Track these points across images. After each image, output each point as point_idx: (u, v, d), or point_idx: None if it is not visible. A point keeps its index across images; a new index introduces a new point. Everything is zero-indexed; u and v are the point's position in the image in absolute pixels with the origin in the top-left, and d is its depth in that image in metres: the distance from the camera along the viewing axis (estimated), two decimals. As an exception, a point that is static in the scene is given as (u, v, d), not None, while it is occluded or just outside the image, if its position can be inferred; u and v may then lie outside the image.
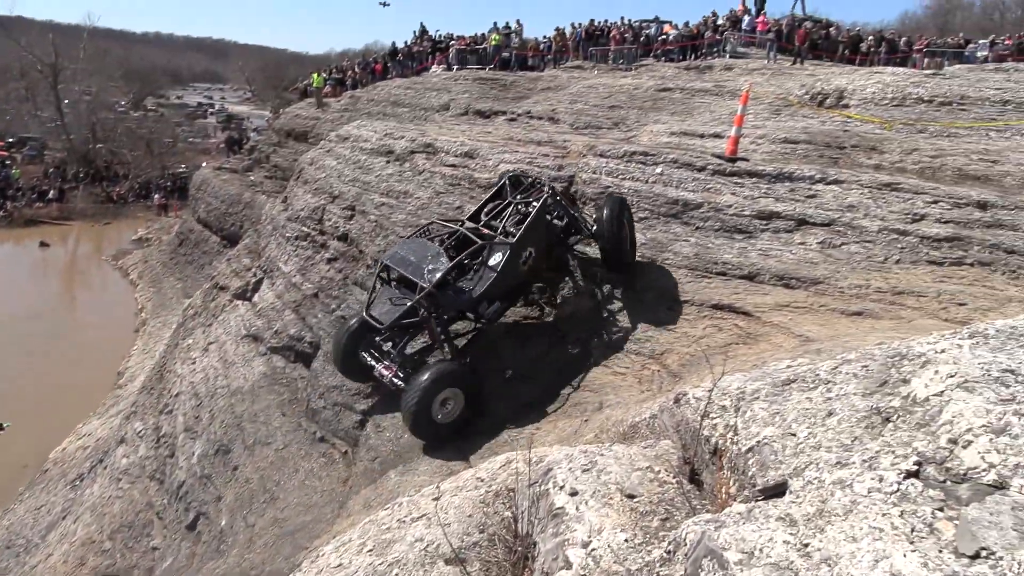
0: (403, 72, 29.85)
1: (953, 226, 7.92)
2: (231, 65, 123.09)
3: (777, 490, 2.20)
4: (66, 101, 51.54)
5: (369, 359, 8.01)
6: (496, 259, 7.60)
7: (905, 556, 1.63)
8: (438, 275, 7.33)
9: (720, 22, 26.21)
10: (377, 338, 7.96)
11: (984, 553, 1.55)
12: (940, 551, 1.62)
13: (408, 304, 7.37)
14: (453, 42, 29.36)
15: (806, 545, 1.80)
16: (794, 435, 2.40)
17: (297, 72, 69.95)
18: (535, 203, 8.29)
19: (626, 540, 2.47)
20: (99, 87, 55.68)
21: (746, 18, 26.20)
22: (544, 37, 28.77)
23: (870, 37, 25.43)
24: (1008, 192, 9.05)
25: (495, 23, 29.17)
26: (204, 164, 39.25)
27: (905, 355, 2.73)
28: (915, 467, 1.92)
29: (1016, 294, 7.07)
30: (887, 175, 9.44)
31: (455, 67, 27.47)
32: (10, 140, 50.93)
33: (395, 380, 7.65)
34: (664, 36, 26.13)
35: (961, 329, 2.98)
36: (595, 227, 8.36)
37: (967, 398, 2.04)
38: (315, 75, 32.77)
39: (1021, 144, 12.05)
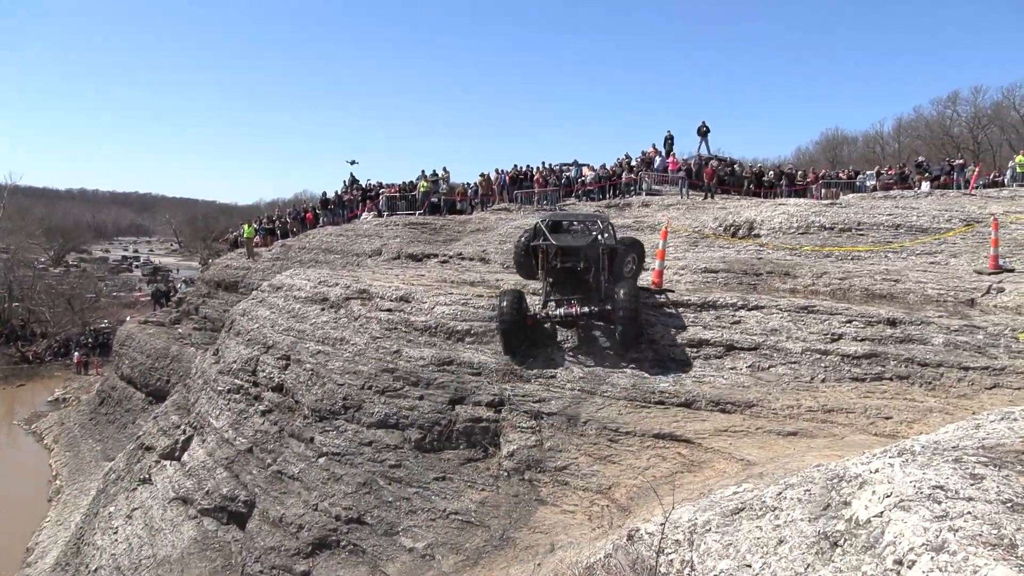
0: (334, 220, 30.44)
1: (869, 343, 8.40)
2: (158, 218, 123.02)
3: (741, 626, 2.21)
4: (-18, 261, 50.10)
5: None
6: None
7: None
8: None
9: (634, 163, 28.07)
10: None
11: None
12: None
13: None
14: (383, 189, 30.33)
15: None
16: (749, 567, 2.44)
17: (227, 223, 70.39)
18: None
19: None
20: (17, 245, 54.51)
21: (658, 159, 28.17)
22: (470, 183, 30.09)
23: (771, 172, 27.55)
24: (912, 308, 9.71)
25: (423, 171, 30.41)
26: (129, 318, 38.21)
27: (843, 476, 2.86)
28: (867, 591, 1.98)
29: (935, 404, 7.44)
30: (803, 298, 10.04)
31: (385, 213, 28.23)
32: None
33: None
34: (583, 178, 27.73)
35: (890, 447, 3.15)
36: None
37: (905, 518, 2.15)
38: (245, 225, 33.03)
39: (916, 264, 13.04)
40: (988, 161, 49.81)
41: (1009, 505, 2.11)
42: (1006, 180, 25.21)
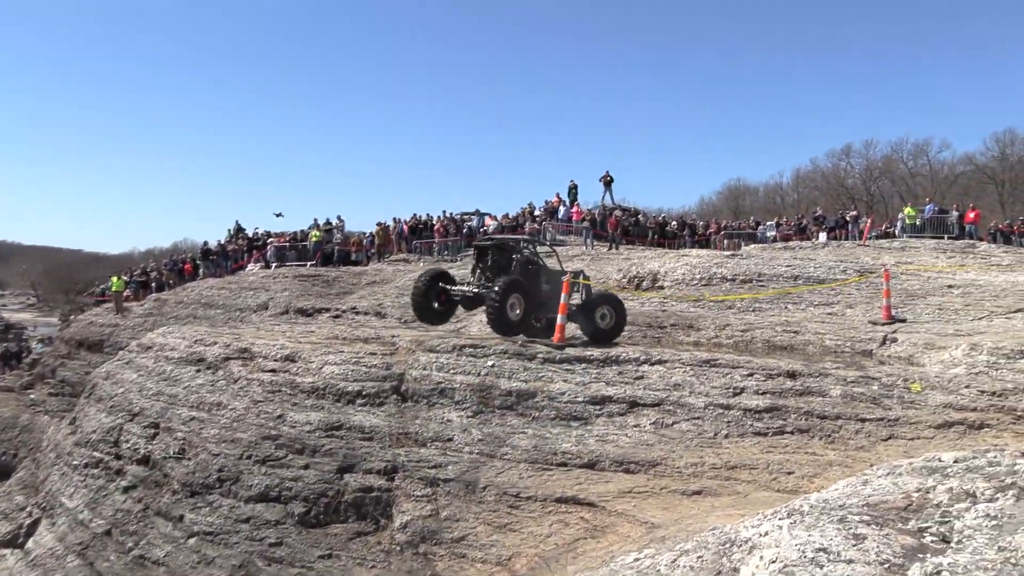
0: (216, 272, 29.42)
1: (770, 396, 8.75)
2: (12, 268, 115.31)
3: None
4: None
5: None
6: None
7: None
8: None
9: (538, 212, 28.66)
10: None
11: None
12: None
13: None
14: (271, 239, 29.65)
15: None
16: (639, 644, 2.44)
17: (94, 274, 66.81)
18: None
19: None
20: None
21: (561, 208, 28.91)
22: (366, 232, 29.90)
23: (674, 222, 28.72)
24: (811, 360, 10.23)
25: (315, 219, 30.01)
26: (-29, 384, 35.26)
27: (735, 541, 2.92)
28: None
29: (834, 457, 7.79)
30: (706, 352, 10.40)
31: (274, 264, 27.57)
32: None
33: None
34: (486, 227, 28.04)
35: (781, 508, 3.25)
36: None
37: (788, 584, 2.21)
38: (114, 278, 31.39)
39: (815, 315, 13.80)
40: (880, 212, 53.85)
41: (887, 567, 2.20)
42: (897, 231, 27.29)
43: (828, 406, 8.51)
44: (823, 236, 25.99)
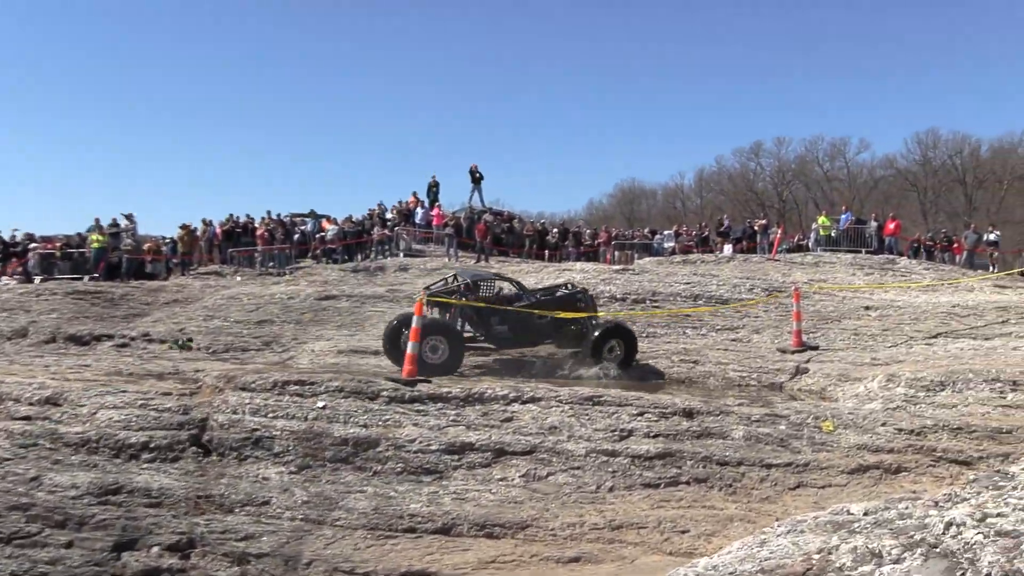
0: (-44, 287, 27.35)
1: (663, 440, 8.98)
2: None
3: None
4: None
5: None
6: None
7: None
8: None
9: (389, 216, 28.47)
10: None
11: None
12: None
13: None
14: (34, 244, 27.88)
15: None
16: None
17: None
18: None
19: None
20: None
21: (419, 211, 28.84)
22: (167, 236, 28.69)
23: (556, 230, 29.29)
24: (712, 395, 10.62)
25: (97, 219, 28.39)
26: None
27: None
28: None
29: (736, 511, 8.07)
30: (588, 387, 10.57)
31: (38, 278, 25.91)
32: None
33: None
34: (323, 233, 27.56)
35: (661, 578, 3.27)
36: None
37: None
38: None
39: (716, 341, 14.37)
40: (793, 221, 57.24)
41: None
42: (810, 244, 29.03)
43: (730, 450, 8.82)
44: (728, 249, 27.28)
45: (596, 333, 13.09)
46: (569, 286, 14.85)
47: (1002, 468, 5.26)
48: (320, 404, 9.54)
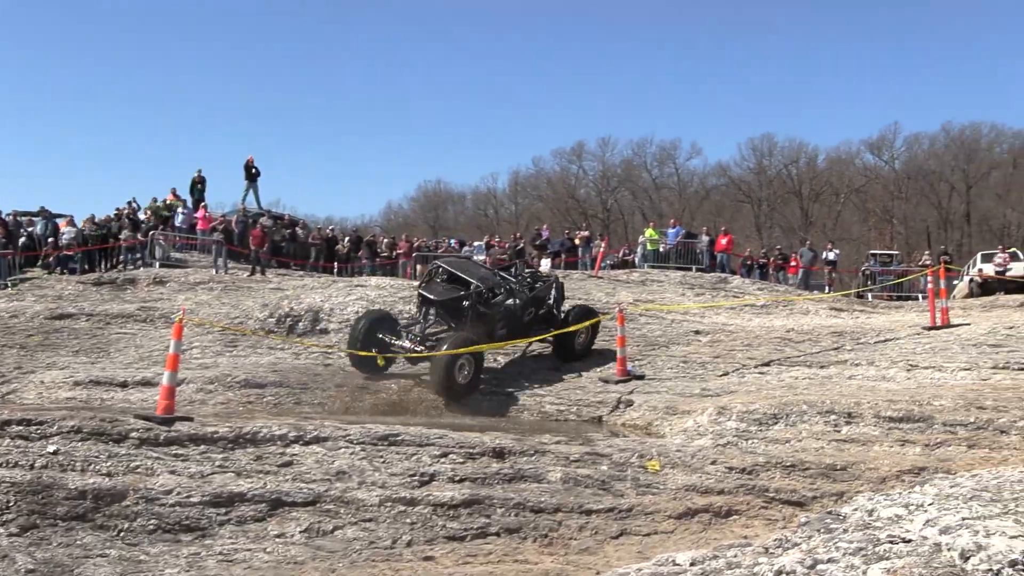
0: None
1: (470, 485, 9.11)
2: None
3: None
4: None
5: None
6: None
7: None
8: None
9: (143, 217, 27.40)
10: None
11: None
12: None
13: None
14: None
15: None
16: None
17: None
18: None
19: None
20: None
21: (180, 212, 27.92)
22: None
23: (347, 238, 29.16)
24: (525, 432, 10.86)
25: None
26: None
27: None
28: None
29: (552, 565, 8.29)
30: (384, 425, 10.57)
31: None
32: None
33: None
34: (58, 236, 26.24)
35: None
36: None
37: None
38: None
39: (532, 369, 14.72)
40: (618, 233, 59.53)
41: None
42: (637, 260, 30.28)
43: (546, 495, 9.05)
44: (546, 263, 28.03)
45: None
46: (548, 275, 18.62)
47: (834, 509, 5.69)
48: (51, 448, 9.08)
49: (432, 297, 14.68)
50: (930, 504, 4.57)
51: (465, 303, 14.34)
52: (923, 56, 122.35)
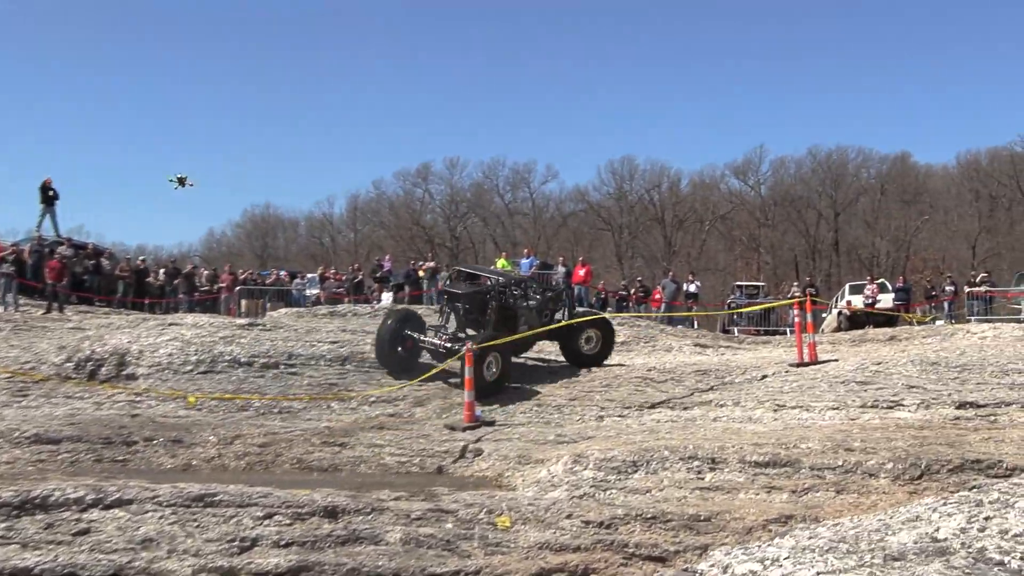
0: None
1: (297, 550, 8.90)
2: None
3: None
4: None
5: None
6: None
7: None
8: None
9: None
10: None
11: None
12: None
13: None
14: None
15: None
16: None
17: None
18: None
19: None
20: None
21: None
22: None
23: (162, 270, 28.45)
24: (363, 487, 10.70)
25: None
26: None
27: None
28: None
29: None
30: (200, 482, 10.25)
31: None
32: None
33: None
34: None
35: None
36: None
37: None
38: None
39: (370, 416, 14.62)
40: (469, 263, 59.72)
41: None
42: (488, 293, 30.37)
43: (384, 558, 8.90)
44: (387, 297, 27.88)
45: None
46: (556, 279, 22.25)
47: (690, 566, 5.75)
48: None
49: (459, 292, 17.58)
50: (786, 558, 4.64)
51: (488, 296, 17.20)
52: (790, 77, 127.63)
